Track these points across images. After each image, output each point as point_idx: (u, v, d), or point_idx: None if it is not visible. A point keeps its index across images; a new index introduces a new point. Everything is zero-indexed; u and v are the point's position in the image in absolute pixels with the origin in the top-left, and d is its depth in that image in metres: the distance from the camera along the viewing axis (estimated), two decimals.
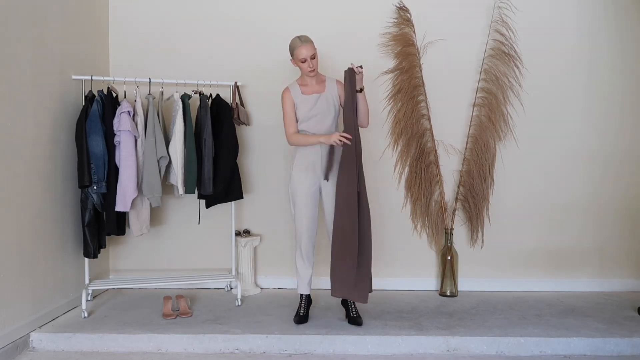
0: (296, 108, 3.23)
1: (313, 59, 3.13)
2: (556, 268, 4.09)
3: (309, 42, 3.13)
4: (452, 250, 3.93)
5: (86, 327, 3.14)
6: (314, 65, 3.14)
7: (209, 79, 3.83)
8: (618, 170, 4.08)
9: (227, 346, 3.01)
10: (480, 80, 4.00)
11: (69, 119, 3.50)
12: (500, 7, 3.97)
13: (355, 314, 3.25)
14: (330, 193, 3.22)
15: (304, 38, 3.14)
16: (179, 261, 4.09)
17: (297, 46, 3.12)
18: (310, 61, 3.12)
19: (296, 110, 3.24)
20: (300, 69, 3.21)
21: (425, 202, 4.03)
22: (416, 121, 3.99)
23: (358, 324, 3.20)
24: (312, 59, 3.13)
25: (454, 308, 3.60)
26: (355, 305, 3.28)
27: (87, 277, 3.55)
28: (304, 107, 3.21)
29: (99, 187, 3.37)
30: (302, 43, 3.11)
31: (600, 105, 4.07)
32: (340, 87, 3.28)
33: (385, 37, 4.04)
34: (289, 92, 3.25)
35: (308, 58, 3.12)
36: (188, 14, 4.07)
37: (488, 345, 3.01)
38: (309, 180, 3.22)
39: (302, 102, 3.22)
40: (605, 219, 4.09)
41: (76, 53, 3.61)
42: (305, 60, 3.12)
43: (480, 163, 3.98)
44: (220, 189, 3.67)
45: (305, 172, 3.22)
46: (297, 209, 3.24)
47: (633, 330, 3.14)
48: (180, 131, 3.52)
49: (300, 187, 3.22)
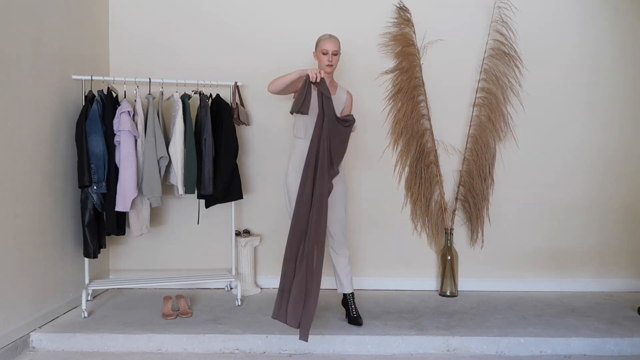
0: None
1: (335, 55, 3.18)
2: (556, 268, 4.09)
3: (336, 40, 3.21)
4: (452, 250, 3.93)
5: (86, 327, 3.14)
6: (333, 61, 3.18)
7: (209, 79, 3.83)
8: (618, 170, 4.08)
9: (227, 346, 3.01)
10: (480, 80, 4.00)
11: (69, 119, 3.50)
12: (500, 7, 3.97)
13: (356, 314, 3.25)
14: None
15: (333, 35, 3.23)
16: (179, 261, 4.09)
17: (323, 38, 3.20)
18: (331, 55, 3.16)
19: None
20: (319, 62, 3.23)
21: (425, 202, 4.03)
22: (416, 121, 3.99)
23: (358, 324, 3.20)
24: (334, 55, 3.17)
25: (454, 308, 3.60)
26: (355, 305, 3.29)
27: (87, 277, 3.55)
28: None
29: (99, 187, 3.37)
30: (329, 37, 3.20)
31: (601, 105, 4.07)
32: (349, 98, 3.32)
33: (385, 37, 4.04)
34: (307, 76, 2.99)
35: (330, 52, 3.16)
36: (188, 13, 4.07)
37: (488, 345, 3.01)
38: None
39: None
40: (605, 219, 4.09)
41: (76, 53, 3.61)
42: (327, 53, 3.16)
43: (480, 163, 3.98)
44: (220, 189, 3.67)
45: (300, 169, 3.21)
46: (292, 207, 3.24)
47: (633, 330, 3.15)
48: (180, 131, 3.52)
49: (295, 184, 3.21)
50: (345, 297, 3.30)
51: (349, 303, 3.28)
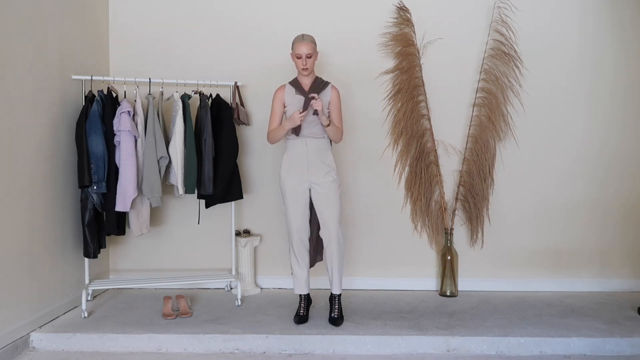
0: (286, 107, 3.25)
1: (309, 58, 3.16)
2: (556, 268, 4.09)
3: (309, 42, 3.16)
4: (452, 250, 3.93)
5: (86, 327, 3.14)
6: (308, 64, 3.16)
7: (209, 79, 3.83)
8: (618, 170, 4.07)
9: (227, 346, 3.01)
10: (480, 80, 4.00)
11: (69, 119, 3.50)
12: (500, 7, 3.97)
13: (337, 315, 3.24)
14: (320, 193, 3.22)
15: (306, 36, 3.19)
16: (179, 261, 4.09)
17: (296, 41, 3.18)
18: (305, 59, 3.15)
19: (285, 110, 3.27)
20: (295, 64, 3.24)
21: (425, 202, 4.03)
22: (416, 121, 3.99)
23: (337, 325, 3.18)
24: (308, 58, 3.15)
25: (454, 308, 3.60)
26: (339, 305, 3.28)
27: (87, 277, 3.55)
28: (293, 107, 3.23)
29: (99, 187, 3.37)
30: (302, 40, 3.16)
31: (601, 105, 4.07)
32: (335, 93, 3.28)
33: (385, 37, 4.04)
34: (282, 90, 3.29)
35: (303, 56, 3.15)
36: (188, 13, 4.07)
37: (488, 345, 3.01)
38: (296, 180, 3.23)
39: (292, 102, 3.24)
40: (606, 219, 4.09)
41: (76, 53, 3.61)
42: (300, 57, 3.16)
43: (480, 163, 3.98)
44: (220, 189, 3.67)
45: (292, 172, 3.24)
46: (286, 209, 3.27)
47: (633, 330, 3.14)
48: (180, 131, 3.52)
49: (288, 187, 3.24)
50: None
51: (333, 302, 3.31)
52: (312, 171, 3.22)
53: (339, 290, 3.29)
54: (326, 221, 3.21)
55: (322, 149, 3.25)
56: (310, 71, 3.21)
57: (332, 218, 3.20)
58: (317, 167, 3.23)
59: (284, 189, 3.26)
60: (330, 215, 3.20)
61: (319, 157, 3.24)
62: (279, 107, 3.28)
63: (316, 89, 3.23)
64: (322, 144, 3.26)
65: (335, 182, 3.24)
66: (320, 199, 3.22)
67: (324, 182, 3.21)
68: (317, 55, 3.24)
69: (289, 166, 3.25)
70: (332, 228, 3.20)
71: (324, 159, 3.25)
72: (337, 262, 3.23)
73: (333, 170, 3.26)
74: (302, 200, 3.25)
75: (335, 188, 3.23)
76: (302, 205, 3.25)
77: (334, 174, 3.26)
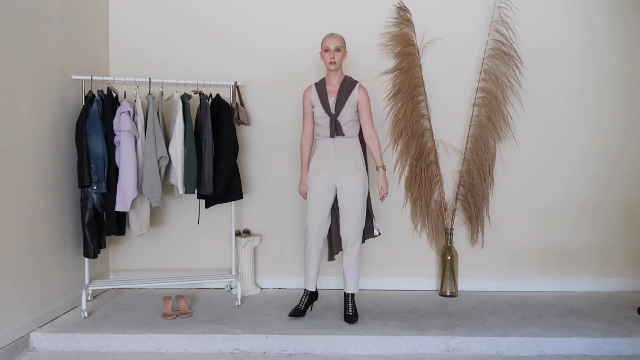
0: (314, 108, 3.29)
1: (337, 52, 3.20)
2: (556, 268, 4.09)
3: (338, 37, 3.25)
4: (452, 250, 3.93)
5: (86, 327, 3.14)
6: (336, 58, 3.20)
7: (209, 79, 3.83)
8: (618, 169, 4.07)
9: (227, 346, 3.01)
10: (480, 80, 4.00)
11: (69, 119, 3.50)
12: (500, 7, 3.97)
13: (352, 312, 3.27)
14: (345, 194, 3.23)
15: (335, 33, 3.27)
16: (179, 261, 4.09)
17: (326, 37, 3.25)
18: (333, 52, 3.19)
19: (313, 110, 3.30)
20: (323, 60, 3.27)
21: (425, 202, 4.03)
22: (416, 121, 3.99)
23: (352, 322, 3.22)
24: (337, 51, 3.20)
25: (454, 308, 3.60)
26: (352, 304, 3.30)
27: (87, 277, 3.55)
28: (320, 108, 3.26)
29: (99, 187, 3.37)
30: (331, 35, 3.24)
31: (601, 105, 4.07)
32: (363, 93, 3.27)
33: (385, 36, 4.04)
34: (309, 91, 3.35)
35: (331, 48, 3.19)
36: (188, 13, 4.07)
37: (488, 345, 3.01)
38: (323, 178, 3.25)
39: (319, 103, 3.27)
40: (606, 219, 4.09)
41: (76, 53, 3.61)
42: (328, 50, 3.20)
43: (480, 163, 3.97)
44: (220, 189, 3.67)
45: (318, 172, 3.28)
46: (308, 208, 3.30)
47: (633, 330, 3.14)
48: (180, 131, 3.52)
49: (313, 183, 3.28)
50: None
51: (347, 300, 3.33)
52: (340, 172, 3.24)
53: (353, 290, 3.31)
54: (345, 223, 3.24)
55: (350, 148, 3.26)
56: (338, 66, 3.23)
57: (351, 222, 3.23)
58: (344, 167, 3.24)
59: (309, 185, 3.31)
60: (349, 219, 3.23)
61: (347, 156, 3.25)
62: (308, 108, 3.34)
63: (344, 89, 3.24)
64: (350, 142, 3.27)
65: (360, 186, 3.23)
66: (344, 200, 3.24)
67: (349, 184, 3.22)
68: (345, 53, 3.28)
69: (317, 164, 3.30)
70: (349, 231, 3.23)
71: (353, 158, 3.25)
72: (353, 264, 3.27)
73: (361, 172, 3.25)
74: (324, 198, 3.26)
75: (360, 192, 3.23)
76: (324, 204, 3.26)
77: (361, 176, 3.25)
